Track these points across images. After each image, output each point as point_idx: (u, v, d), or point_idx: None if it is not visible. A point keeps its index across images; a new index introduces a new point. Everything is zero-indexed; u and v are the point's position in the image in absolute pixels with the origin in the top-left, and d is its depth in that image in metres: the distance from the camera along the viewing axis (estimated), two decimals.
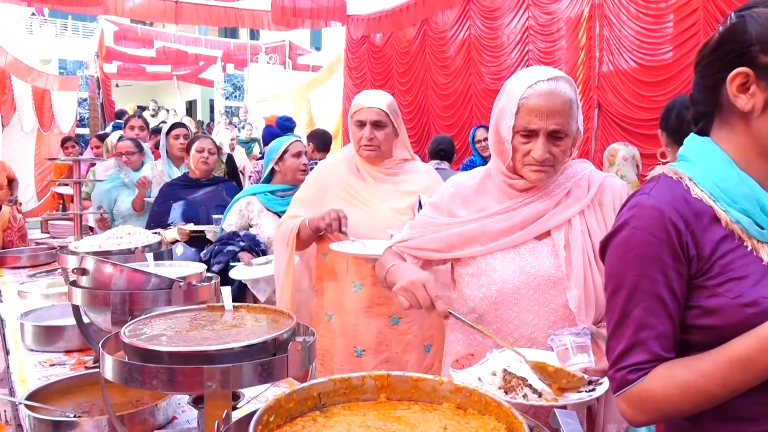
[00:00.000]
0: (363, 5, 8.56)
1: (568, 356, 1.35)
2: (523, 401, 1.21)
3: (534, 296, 1.50)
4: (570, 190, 1.55)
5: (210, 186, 3.80)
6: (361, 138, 2.35)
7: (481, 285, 1.54)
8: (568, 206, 1.53)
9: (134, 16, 9.75)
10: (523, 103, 1.45)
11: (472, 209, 1.62)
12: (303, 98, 11.95)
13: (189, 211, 3.62)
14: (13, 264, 3.55)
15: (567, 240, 1.51)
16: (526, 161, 1.49)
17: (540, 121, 1.44)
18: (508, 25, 6.86)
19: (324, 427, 0.96)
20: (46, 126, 12.99)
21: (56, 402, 1.57)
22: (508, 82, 1.55)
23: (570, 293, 1.48)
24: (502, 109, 1.51)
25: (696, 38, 4.88)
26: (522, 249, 1.53)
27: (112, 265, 1.61)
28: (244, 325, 1.34)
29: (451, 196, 1.67)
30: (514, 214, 1.54)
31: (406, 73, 8.66)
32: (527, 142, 1.47)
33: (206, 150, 3.73)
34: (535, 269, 1.51)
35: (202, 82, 19.32)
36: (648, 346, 1.06)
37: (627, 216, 1.10)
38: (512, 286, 1.51)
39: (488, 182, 1.63)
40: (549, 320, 1.50)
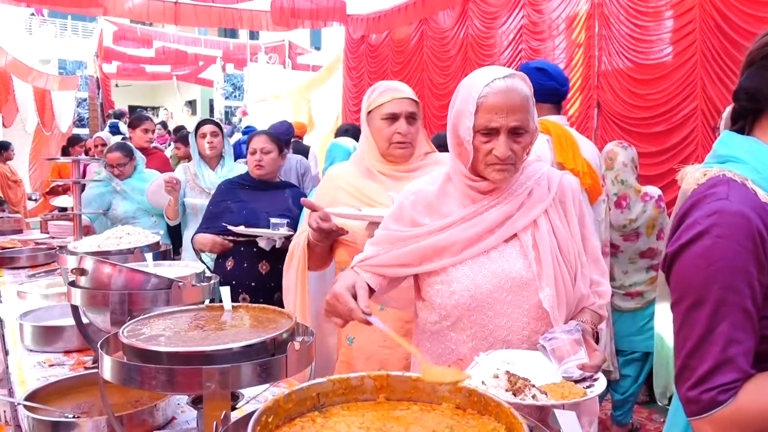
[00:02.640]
0: (362, 5, 8.56)
1: (564, 354, 1.35)
2: (533, 402, 1.20)
3: (507, 299, 1.50)
4: (531, 190, 1.55)
5: (274, 190, 3.27)
6: (393, 134, 2.06)
7: (453, 293, 1.52)
8: (532, 206, 1.53)
9: (134, 17, 9.73)
10: (482, 101, 1.44)
11: (436, 216, 1.58)
12: (303, 98, 11.94)
13: (250, 216, 3.10)
14: (13, 264, 3.55)
15: (534, 240, 1.51)
16: (489, 161, 1.47)
17: (500, 118, 1.43)
18: (507, 25, 6.86)
19: (323, 427, 0.96)
20: (48, 126, 13.02)
21: (55, 402, 1.57)
22: (461, 83, 1.54)
23: (543, 293, 1.47)
24: (460, 111, 1.49)
25: (692, 36, 4.88)
26: (492, 253, 1.52)
27: (111, 266, 1.61)
28: (243, 326, 1.34)
29: (412, 204, 1.61)
30: (482, 219, 1.52)
31: (402, 72, 8.66)
32: (488, 140, 1.46)
33: (258, 151, 3.20)
34: (506, 272, 1.50)
35: (202, 82, 19.29)
36: (737, 364, 1.01)
37: (707, 224, 1.03)
38: (485, 291, 1.49)
39: (449, 186, 1.60)
40: (523, 321, 1.50)
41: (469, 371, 1.34)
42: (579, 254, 1.54)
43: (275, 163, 3.23)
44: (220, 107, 17.09)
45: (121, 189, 4.09)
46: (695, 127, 4.82)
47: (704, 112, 4.74)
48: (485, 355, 1.41)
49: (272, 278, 3.04)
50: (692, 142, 4.86)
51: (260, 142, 3.21)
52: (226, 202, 3.19)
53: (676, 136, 4.96)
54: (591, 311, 1.55)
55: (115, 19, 14.14)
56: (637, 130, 5.25)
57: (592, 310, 1.56)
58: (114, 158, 4.11)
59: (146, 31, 17.24)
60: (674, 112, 4.98)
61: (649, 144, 5.05)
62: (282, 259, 2.99)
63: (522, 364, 1.37)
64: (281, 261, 2.97)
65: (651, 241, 3.50)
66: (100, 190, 4.12)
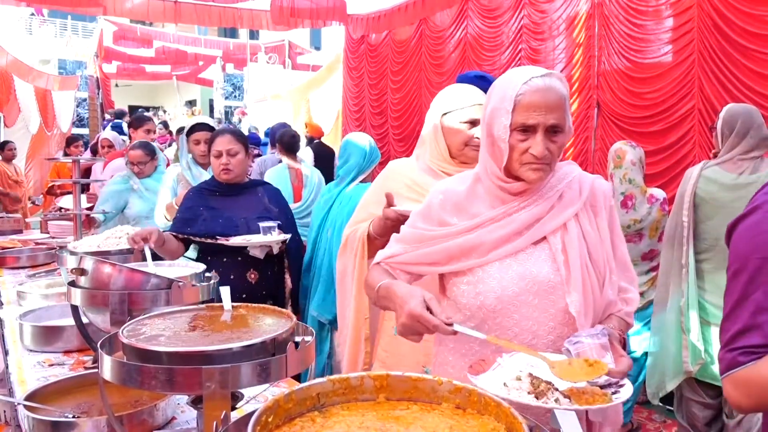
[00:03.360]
0: (363, 5, 8.56)
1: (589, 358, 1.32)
2: (556, 406, 1.18)
3: (533, 302, 1.48)
4: (562, 193, 1.53)
5: (246, 192, 2.96)
6: (471, 138, 2.10)
7: (479, 294, 1.50)
8: (563, 209, 1.51)
9: (133, 16, 9.74)
10: (520, 99, 1.43)
11: (464, 216, 1.56)
12: (303, 98, 11.94)
13: (227, 225, 2.81)
14: (13, 264, 3.55)
15: (563, 244, 1.49)
16: (524, 159, 1.45)
17: (538, 116, 1.42)
18: (507, 25, 6.85)
19: (323, 427, 0.96)
20: (50, 126, 13.04)
21: (55, 402, 1.57)
22: (496, 83, 1.53)
23: (570, 297, 1.45)
24: (495, 109, 1.47)
25: (690, 35, 4.88)
26: (519, 255, 1.50)
27: (111, 266, 1.61)
28: (243, 325, 1.34)
29: (440, 204, 1.60)
30: (511, 220, 1.50)
31: (400, 72, 8.66)
32: (525, 139, 1.44)
33: (224, 153, 2.84)
34: (533, 275, 1.48)
35: (202, 82, 19.31)
36: (764, 330, 1.05)
37: (761, 200, 1.10)
38: (511, 294, 1.48)
39: (478, 187, 1.58)
40: (549, 326, 1.48)
41: (490, 373, 1.33)
42: (608, 260, 1.52)
43: (243, 164, 2.90)
44: (220, 107, 17.10)
45: (138, 188, 4.04)
46: (692, 126, 4.83)
47: (701, 112, 4.75)
48: (508, 356, 1.39)
49: (263, 286, 2.85)
50: (689, 141, 4.86)
51: (224, 143, 2.84)
52: (198, 208, 2.86)
53: (674, 135, 4.96)
54: (618, 318, 1.53)
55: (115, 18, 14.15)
56: (636, 130, 5.26)
57: (620, 317, 1.53)
58: (136, 156, 4.06)
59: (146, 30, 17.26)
60: (672, 111, 4.98)
61: (646, 143, 5.04)
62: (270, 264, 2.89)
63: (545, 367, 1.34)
64: (270, 267, 2.90)
65: (653, 243, 3.50)
66: (118, 187, 4.06)
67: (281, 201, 3.05)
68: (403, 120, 8.64)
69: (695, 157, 4.69)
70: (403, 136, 8.62)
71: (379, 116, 9.16)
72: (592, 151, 5.84)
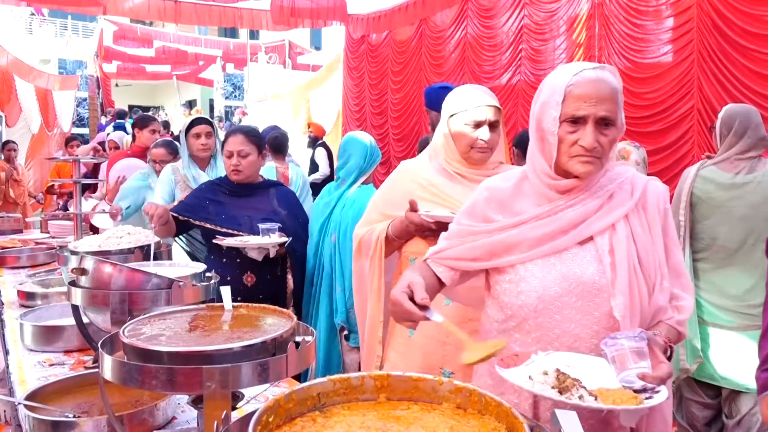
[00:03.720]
0: (363, 5, 8.56)
1: (626, 362, 1.28)
2: (578, 402, 1.15)
3: (576, 304, 1.42)
4: (613, 193, 1.47)
5: (257, 193, 2.94)
6: (476, 140, 2.08)
7: (520, 292, 1.47)
8: (612, 210, 1.46)
9: (134, 16, 9.75)
10: (570, 90, 1.40)
11: (509, 213, 1.53)
12: (303, 98, 11.94)
13: (228, 222, 2.81)
14: (13, 264, 3.55)
15: (611, 245, 1.44)
16: (574, 152, 1.41)
17: (589, 107, 1.38)
18: (507, 25, 6.85)
19: (323, 427, 0.96)
20: (51, 126, 13.05)
21: (55, 402, 1.57)
22: (546, 79, 1.49)
23: (615, 301, 1.40)
24: (545, 103, 1.44)
25: (690, 35, 4.88)
26: (564, 255, 1.45)
27: (112, 265, 1.61)
28: (244, 325, 1.34)
29: (485, 201, 1.57)
30: (556, 218, 1.46)
31: (401, 72, 8.67)
32: (574, 130, 1.40)
33: (235, 154, 2.84)
34: (577, 276, 1.43)
35: (202, 82, 19.32)
36: None
37: None
38: (554, 294, 1.43)
39: (524, 185, 1.55)
40: (592, 329, 1.42)
41: (523, 368, 1.30)
42: (660, 265, 1.46)
43: (254, 165, 2.89)
44: (220, 107, 17.11)
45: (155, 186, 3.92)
46: (692, 126, 4.84)
47: (700, 112, 4.75)
48: (544, 354, 1.35)
49: (260, 290, 2.80)
50: (688, 141, 4.87)
51: (237, 143, 2.83)
52: (205, 200, 2.87)
53: (673, 134, 4.97)
54: (668, 326, 1.46)
55: (115, 18, 14.17)
56: (636, 129, 5.26)
57: (669, 325, 1.46)
58: (159, 154, 4.00)
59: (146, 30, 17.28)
60: (671, 111, 4.99)
61: (646, 143, 5.04)
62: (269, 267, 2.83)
63: (581, 367, 1.31)
64: (268, 270, 2.83)
65: None
66: (138, 183, 4.02)
67: (292, 203, 3.01)
68: (403, 120, 8.65)
69: (694, 156, 4.70)
70: (402, 136, 8.62)
71: (380, 116, 9.17)
72: None
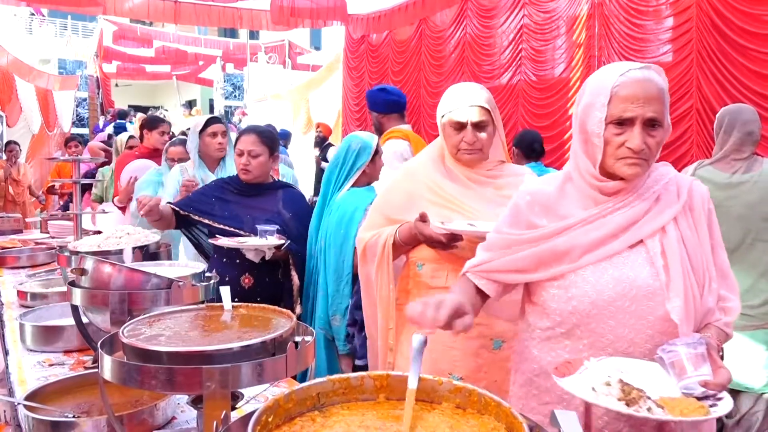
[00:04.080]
0: (363, 4, 8.56)
1: (686, 368, 1.24)
2: (648, 415, 1.13)
3: (630, 308, 1.39)
4: (659, 195, 1.44)
5: (265, 193, 2.93)
6: (461, 142, 2.04)
7: (571, 298, 1.42)
8: (660, 212, 1.42)
9: (133, 16, 9.75)
10: (617, 91, 1.36)
11: (554, 217, 1.48)
12: (303, 98, 11.95)
13: (231, 221, 2.81)
14: (13, 264, 3.55)
15: (662, 248, 1.41)
16: (620, 154, 1.37)
17: (636, 108, 1.35)
18: (507, 25, 6.85)
19: (323, 427, 0.96)
20: (51, 126, 13.06)
21: (55, 402, 1.57)
22: (589, 79, 1.46)
23: (671, 304, 1.37)
24: (589, 104, 1.41)
25: (689, 35, 4.88)
26: (615, 259, 1.41)
27: (111, 265, 1.61)
28: (244, 325, 1.34)
29: (528, 205, 1.52)
30: (605, 222, 1.42)
31: (401, 72, 8.67)
32: (621, 132, 1.37)
33: (246, 153, 2.84)
34: (631, 279, 1.39)
35: (202, 82, 19.32)
36: None
37: None
38: (607, 298, 1.39)
39: (568, 187, 1.50)
40: (646, 333, 1.38)
41: (576, 376, 1.27)
42: (708, 266, 1.44)
43: (264, 167, 2.88)
44: (220, 107, 17.11)
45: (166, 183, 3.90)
46: (691, 125, 4.84)
47: (699, 111, 4.76)
48: (596, 360, 1.31)
49: (258, 292, 2.77)
50: (687, 140, 4.87)
51: (248, 143, 2.83)
52: (211, 197, 2.89)
53: (672, 134, 4.96)
54: (717, 328, 1.43)
55: (115, 18, 14.16)
56: None
57: (718, 327, 1.43)
58: (177, 152, 3.95)
59: (146, 30, 17.28)
60: (670, 111, 4.98)
61: None
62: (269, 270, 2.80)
63: (636, 373, 1.27)
64: (267, 273, 2.81)
65: None
66: (152, 178, 3.98)
67: (298, 206, 2.97)
68: None
69: (693, 156, 4.70)
70: None
71: None
72: None
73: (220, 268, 2.67)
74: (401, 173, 2.23)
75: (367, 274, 2.19)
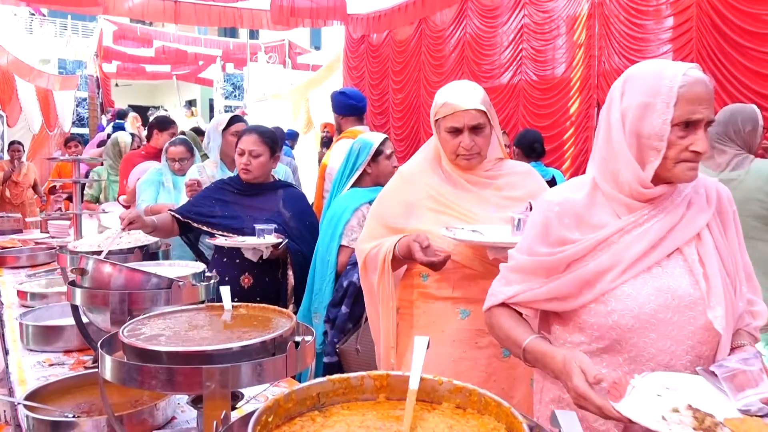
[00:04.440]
0: (363, 4, 8.56)
1: (745, 384, 1.20)
2: None
3: (673, 319, 1.33)
4: (690, 200, 1.39)
5: (265, 193, 2.93)
6: (458, 147, 1.96)
7: (611, 312, 1.35)
8: (694, 218, 1.37)
9: (133, 16, 9.74)
10: (684, 92, 1.28)
11: (586, 228, 1.39)
12: (303, 98, 11.95)
13: (232, 221, 2.80)
14: (13, 264, 3.55)
15: (699, 255, 1.36)
16: (683, 157, 1.30)
17: (703, 109, 1.29)
18: (507, 25, 6.86)
19: (323, 426, 0.96)
20: (52, 126, 13.05)
21: (55, 402, 1.57)
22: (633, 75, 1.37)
23: (713, 313, 1.32)
24: (646, 104, 1.31)
25: (689, 34, 4.88)
26: (654, 269, 1.35)
27: (111, 265, 1.61)
28: (243, 325, 1.33)
29: (558, 217, 1.42)
30: (644, 232, 1.35)
31: (401, 72, 8.68)
32: (685, 135, 1.30)
33: (246, 153, 2.83)
34: (672, 290, 1.34)
35: (202, 82, 19.30)
36: None
37: None
38: (649, 311, 1.33)
39: (597, 193, 1.42)
40: (687, 345, 1.34)
41: (627, 398, 1.21)
42: (738, 270, 1.41)
43: (265, 167, 2.88)
44: (220, 107, 17.09)
45: (168, 184, 3.93)
46: None
47: None
48: (640, 377, 1.25)
49: (257, 292, 2.77)
50: None
51: (250, 142, 2.83)
52: (212, 199, 2.90)
53: None
54: (747, 333, 1.40)
55: (114, 18, 14.16)
56: None
57: (748, 332, 1.41)
58: (178, 152, 3.95)
59: (146, 30, 17.27)
60: None
61: None
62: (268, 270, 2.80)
63: (685, 390, 1.22)
64: (267, 273, 2.81)
65: None
66: (153, 177, 3.97)
67: (299, 206, 2.96)
68: (405, 120, 8.65)
69: None
70: (404, 136, 8.63)
71: (381, 116, 9.18)
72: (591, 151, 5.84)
73: (219, 267, 2.68)
74: (397, 179, 2.15)
75: (369, 285, 2.13)
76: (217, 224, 2.80)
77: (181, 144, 4.03)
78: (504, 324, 1.47)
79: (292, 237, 2.76)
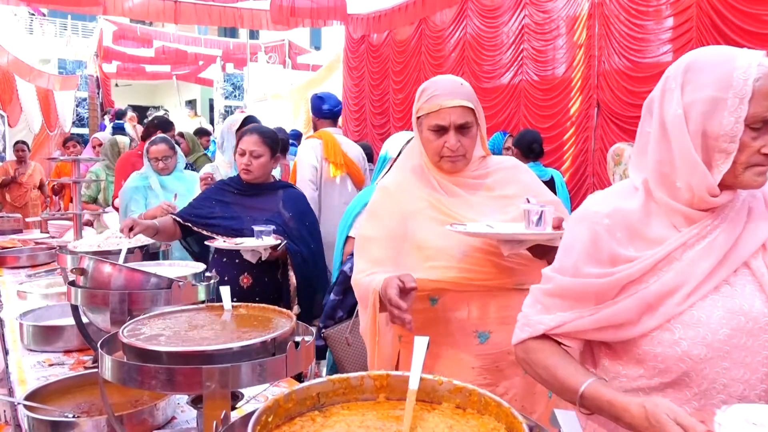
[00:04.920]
0: (363, 4, 8.57)
1: None
2: None
3: (747, 344, 1.17)
4: (750, 206, 1.23)
5: (265, 193, 2.93)
6: (443, 147, 1.79)
7: (679, 340, 1.17)
8: (757, 226, 1.21)
9: (133, 16, 9.75)
10: (759, 85, 1.11)
11: (641, 242, 1.21)
12: (303, 98, 11.96)
13: (233, 222, 2.80)
14: (13, 264, 3.55)
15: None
16: (754, 161, 1.14)
17: None
18: (507, 25, 6.86)
19: (323, 426, 0.96)
20: (52, 126, 13.06)
21: (55, 402, 1.57)
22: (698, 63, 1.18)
23: None
24: (717, 98, 1.13)
25: (689, 34, 4.88)
26: (722, 288, 1.19)
27: (111, 265, 1.61)
28: (243, 325, 1.33)
29: (608, 231, 1.22)
30: (709, 246, 1.18)
31: (401, 72, 8.68)
32: (758, 136, 1.13)
33: (247, 153, 2.84)
34: (745, 311, 1.17)
35: (202, 82, 19.31)
36: None
37: None
38: (723, 337, 1.16)
39: (651, 203, 1.24)
40: (762, 372, 1.18)
41: None
42: None
43: (265, 168, 2.88)
44: (220, 107, 17.09)
45: (155, 186, 3.86)
46: None
47: None
48: (721, 413, 1.07)
49: (257, 292, 2.75)
50: None
51: (251, 143, 2.84)
52: (212, 201, 2.90)
53: None
54: None
55: (114, 18, 14.17)
56: (636, 129, 5.26)
57: None
58: (160, 150, 3.86)
59: (146, 30, 17.28)
60: None
61: None
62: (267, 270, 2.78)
63: None
64: (266, 273, 2.80)
65: None
66: (137, 183, 3.89)
67: (299, 206, 2.96)
68: (406, 120, 8.65)
69: None
70: None
71: (381, 116, 9.18)
72: (592, 151, 5.84)
73: (219, 267, 2.69)
74: (384, 192, 1.92)
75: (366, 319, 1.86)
76: (217, 226, 2.80)
77: (162, 142, 3.97)
78: (548, 362, 1.27)
79: (291, 237, 2.77)
